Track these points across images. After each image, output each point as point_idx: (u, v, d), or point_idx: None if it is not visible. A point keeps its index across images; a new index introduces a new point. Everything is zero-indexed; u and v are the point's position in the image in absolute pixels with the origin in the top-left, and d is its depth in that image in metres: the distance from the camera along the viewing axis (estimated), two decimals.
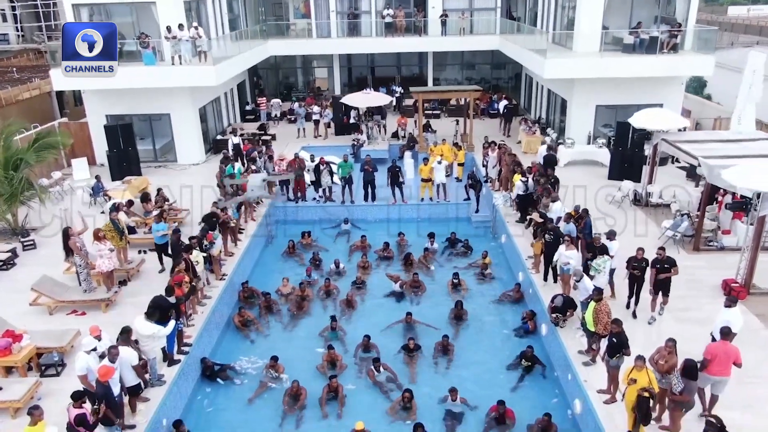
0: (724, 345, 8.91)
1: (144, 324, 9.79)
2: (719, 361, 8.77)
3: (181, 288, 11.13)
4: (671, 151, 17.13)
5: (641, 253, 11.75)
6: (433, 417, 10.48)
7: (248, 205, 17.46)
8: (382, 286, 15.47)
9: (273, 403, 11.21)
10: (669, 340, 8.98)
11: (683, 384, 8.36)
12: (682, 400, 8.40)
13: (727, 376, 8.89)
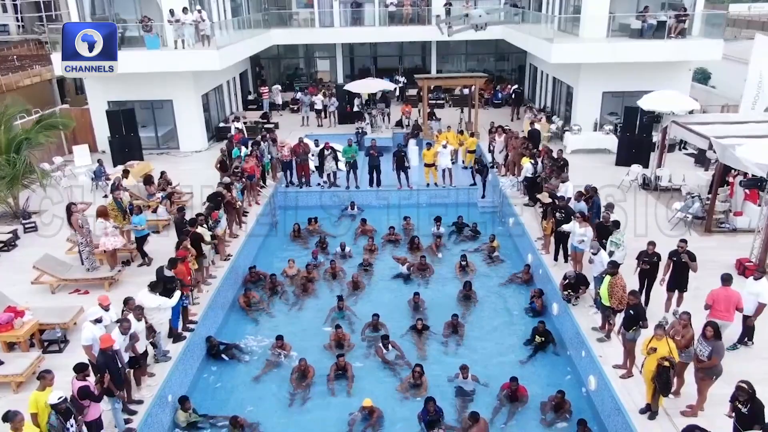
0: (726, 290, 9.27)
1: (148, 296, 9.57)
2: (721, 306, 9.15)
3: (186, 263, 10.88)
4: (681, 133, 16.96)
5: (652, 248, 10.79)
6: (443, 394, 10.25)
7: (252, 188, 17.23)
8: (388, 268, 15.26)
9: (280, 380, 11.01)
10: (684, 313, 8.76)
11: (710, 347, 8.05)
12: (711, 365, 8.08)
13: (729, 321, 9.23)
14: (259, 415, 10.05)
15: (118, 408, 8.35)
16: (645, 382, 8.52)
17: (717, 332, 8.15)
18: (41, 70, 25.03)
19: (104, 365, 7.95)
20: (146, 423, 8.97)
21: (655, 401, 8.46)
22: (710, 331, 8.12)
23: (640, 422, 8.54)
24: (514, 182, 18.10)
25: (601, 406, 9.85)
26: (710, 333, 8.11)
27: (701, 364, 8.24)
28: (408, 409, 10.19)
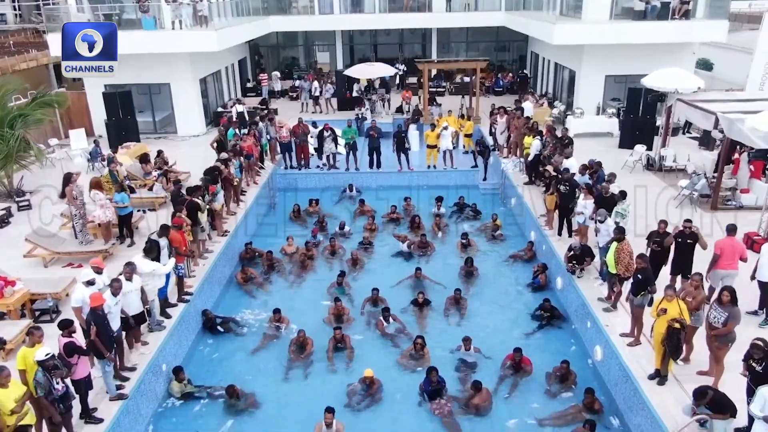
0: (731, 240, 9.53)
1: (142, 261, 9.30)
2: (727, 255, 9.33)
3: (181, 232, 10.60)
4: (686, 112, 16.69)
5: (664, 227, 9.97)
6: (445, 367, 9.94)
7: (250, 168, 16.95)
8: (389, 246, 14.99)
9: (278, 353, 10.74)
10: (695, 274, 8.51)
11: (726, 313, 7.72)
12: (727, 332, 7.74)
13: (735, 270, 9.42)
14: (257, 386, 9.78)
15: (109, 372, 8.08)
16: (654, 346, 8.26)
17: (734, 297, 7.82)
18: (37, 55, 24.78)
19: (93, 323, 7.66)
20: (139, 390, 8.70)
21: (665, 366, 8.19)
22: (727, 296, 7.79)
23: (649, 388, 8.27)
24: (516, 163, 17.83)
25: (607, 376, 9.59)
26: (727, 298, 7.78)
27: (716, 331, 7.85)
28: (409, 379, 9.93)
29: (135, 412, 8.51)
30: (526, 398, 9.49)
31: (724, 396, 7.15)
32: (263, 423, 9.08)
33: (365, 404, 9.38)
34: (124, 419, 8.19)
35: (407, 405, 9.40)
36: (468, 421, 8.97)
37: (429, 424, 8.99)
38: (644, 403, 8.10)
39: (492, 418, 9.07)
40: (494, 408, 9.21)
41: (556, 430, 8.78)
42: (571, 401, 9.28)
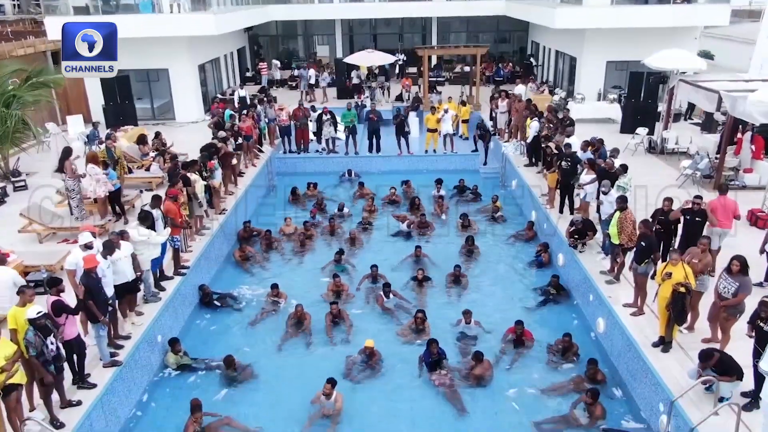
0: (723, 199, 9.97)
1: (137, 229, 9.15)
2: (720, 214, 9.66)
3: (177, 204, 10.44)
4: (688, 94, 16.54)
5: (669, 204, 9.58)
6: (446, 340, 9.76)
7: (249, 149, 16.80)
8: (389, 227, 14.82)
9: (276, 327, 10.57)
10: (703, 237, 8.35)
11: (737, 283, 7.47)
12: (737, 302, 7.50)
13: (728, 228, 9.79)
14: (254, 358, 9.62)
15: (103, 336, 7.91)
16: (659, 312, 8.11)
17: (744, 267, 7.55)
18: (35, 41, 24.58)
19: (87, 285, 7.50)
20: (133, 358, 8.55)
21: (669, 332, 8.04)
22: (737, 265, 7.52)
23: (653, 355, 8.12)
24: (517, 146, 17.67)
25: (610, 348, 9.45)
26: (737, 267, 7.52)
27: (726, 302, 7.58)
28: (409, 352, 9.78)
29: (129, 380, 8.36)
30: (527, 370, 9.34)
31: (730, 358, 7.01)
32: (261, 394, 8.92)
33: (365, 375, 9.23)
34: (119, 386, 8.05)
35: (407, 376, 9.25)
36: (469, 392, 8.82)
37: (429, 395, 8.84)
38: (648, 370, 7.95)
39: (493, 388, 8.92)
40: (495, 379, 9.06)
41: (559, 399, 8.61)
42: (574, 373, 9.13)
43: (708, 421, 6.67)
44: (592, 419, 8.05)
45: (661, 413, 7.53)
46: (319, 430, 8.07)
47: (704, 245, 8.16)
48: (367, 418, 8.37)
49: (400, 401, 8.74)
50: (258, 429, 8.12)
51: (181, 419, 7.90)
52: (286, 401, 8.72)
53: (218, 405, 8.57)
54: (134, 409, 8.50)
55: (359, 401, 8.65)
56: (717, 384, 6.93)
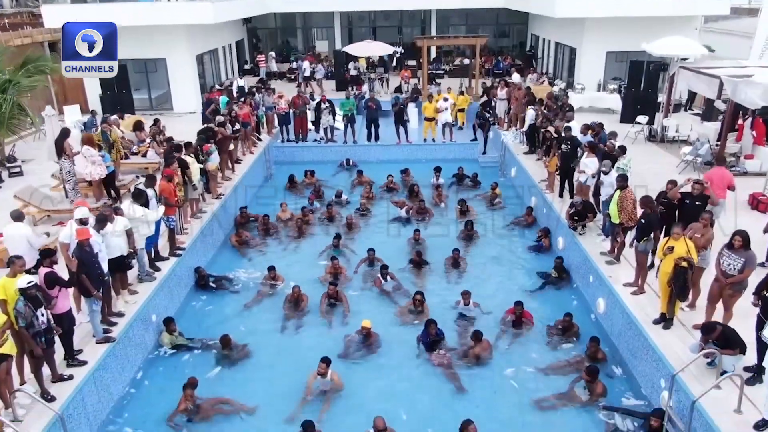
0: (720, 170, 10.30)
1: (131, 206, 9.03)
2: (715, 185, 9.72)
3: (172, 184, 10.31)
4: (689, 81, 16.46)
5: (672, 186, 9.25)
6: (444, 322, 9.62)
7: (247, 137, 16.67)
8: (386, 213, 14.70)
9: (272, 308, 10.47)
10: (705, 212, 8.24)
11: (742, 258, 7.29)
12: (745, 278, 7.29)
13: (723, 198, 9.88)
14: (250, 339, 9.49)
15: (96, 311, 7.79)
16: (660, 288, 7.99)
17: (746, 241, 7.37)
18: (32, 32, 24.44)
19: (80, 258, 7.38)
20: (127, 336, 8.43)
21: (671, 308, 7.92)
22: (739, 240, 7.33)
23: (654, 332, 8.00)
24: (516, 134, 17.57)
25: (610, 327, 9.34)
26: (739, 243, 7.33)
27: (733, 278, 7.34)
28: (407, 333, 9.66)
29: (123, 357, 8.24)
30: (526, 350, 9.22)
31: (733, 331, 6.91)
32: (256, 373, 8.81)
33: (362, 354, 9.11)
34: (111, 362, 7.93)
35: (405, 356, 9.13)
36: (467, 371, 8.70)
37: (427, 374, 8.72)
38: (649, 346, 7.84)
39: (491, 367, 8.80)
40: (494, 359, 8.94)
41: (559, 378, 8.49)
42: (574, 353, 9.01)
43: (710, 395, 6.56)
44: (593, 396, 7.94)
45: (663, 389, 7.41)
46: (314, 407, 7.94)
47: (706, 220, 8.04)
48: (363, 397, 8.25)
49: (398, 380, 8.61)
50: (253, 407, 8.00)
51: (176, 398, 7.80)
52: (282, 380, 8.59)
53: (213, 383, 8.47)
54: (128, 386, 8.38)
55: (356, 380, 8.52)
56: (719, 358, 6.81)
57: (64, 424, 6.59)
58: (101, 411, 7.67)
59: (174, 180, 10.42)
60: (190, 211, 12.13)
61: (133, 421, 7.81)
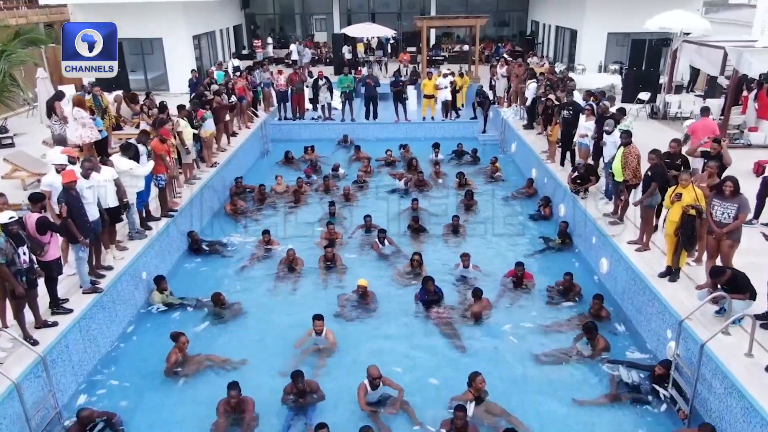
0: (704, 120, 10.69)
1: (119, 159, 8.77)
2: (700, 135, 10.22)
3: (165, 145, 10.06)
4: (692, 57, 16.28)
5: (676, 145, 8.69)
6: (444, 284, 9.36)
7: (243, 111, 16.42)
8: (385, 186, 14.45)
9: (266, 271, 10.21)
10: (710, 160, 7.99)
11: (735, 204, 7.00)
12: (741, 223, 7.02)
13: (707, 148, 9.63)
14: (244, 299, 9.22)
15: (82, 258, 7.51)
16: (666, 237, 7.73)
17: (737, 187, 7.13)
18: (27, 12, 24.20)
19: (66, 203, 7.10)
20: (116, 289, 8.17)
21: (677, 259, 7.67)
22: (730, 186, 7.08)
23: (660, 284, 7.75)
24: (517, 111, 17.33)
25: (614, 287, 9.10)
26: (730, 189, 7.07)
27: (729, 226, 7.05)
28: (405, 294, 9.40)
29: (110, 310, 7.97)
30: (527, 309, 8.97)
31: (743, 275, 6.66)
32: (249, 330, 8.55)
33: (358, 314, 8.84)
34: (98, 313, 7.66)
35: (403, 315, 8.86)
36: (467, 328, 8.44)
37: (426, 332, 8.46)
38: (655, 298, 7.59)
39: (491, 325, 8.56)
40: (494, 317, 8.70)
41: (560, 336, 8.24)
42: (576, 312, 8.76)
43: (720, 341, 6.35)
44: (595, 351, 7.69)
45: (669, 340, 7.16)
46: (309, 364, 7.66)
47: (711, 169, 7.79)
48: (359, 354, 7.97)
49: (396, 338, 8.34)
50: (243, 361, 7.73)
51: (165, 354, 7.52)
52: (275, 338, 8.34)
53: (204, 339, 8.20)
54: (116, 341, 8.13)
55: (352, 339, 8.25)
56: (729, 304, 6.55)
57: (46, 368, 6.33)
58: (87, 362, 7.41)
59: (167, 141, 10.16)
60: (183, 177, 11.89)
61: (120, 374, 7.54)
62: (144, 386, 7.29)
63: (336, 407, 6.89)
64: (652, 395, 6.87)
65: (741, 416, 5.73)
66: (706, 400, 6.36)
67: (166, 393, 7.20)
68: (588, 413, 6.80)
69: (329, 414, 6.72)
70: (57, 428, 6.37)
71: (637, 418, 6.67)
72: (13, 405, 5.92)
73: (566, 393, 7.10)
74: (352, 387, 6.99)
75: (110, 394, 7.17)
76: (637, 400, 6.87)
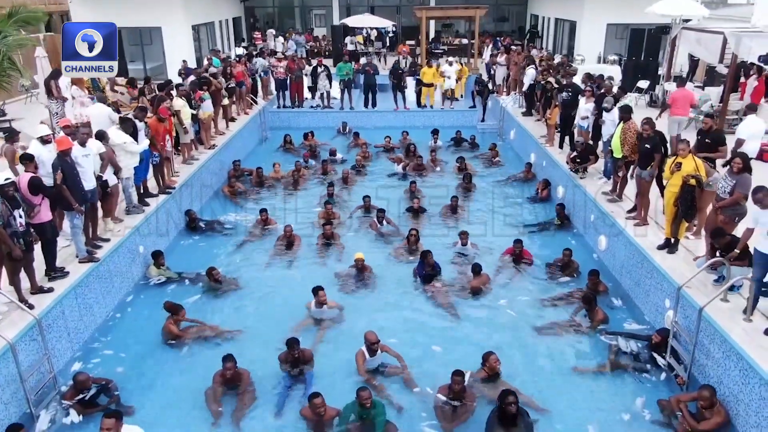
0: (682, 90, 11.69)
1: (116, 132, 8.73)
2: (679, 104, 11.26)
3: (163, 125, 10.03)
4: (691, 46, 16.27)
5: (649, 129, 8.50)
6: (443, 263, 9.29)
7: (241, 96, 16.39)
8: (383, 170, 14.42)
9: (264, 248, 10.16)
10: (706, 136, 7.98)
11: (734, 180, 6.86)
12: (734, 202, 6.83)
13: (686, 116, 11.57)
14: (241, 274, 9.20)
15: (77, 226, 7.46)
16: (666, 208, 7.72)
17: (746, 165, 6.99)
18: (26, 1, 24.11)
19: (60, 169, 7.06)
20: (112, 260, 8.13)
21: (676, 230, 7.64)
22: (738, 164, 6.95)
23: (659, 256, 7.73)
24: (515, 98, 17.32)
25: (612, 262, 9.08)
26: (738, 166, 6.93)
27: (721, 202, 6.96)
28: (403, 269, 9.37)
29: (107, 280, 7.94)
30: (525, 285, 8.94)
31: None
32: (245, 302, 8.52)
33: (355, 288, 8.81)
34: (94, 282, 7.63)
35: (401, 289, 8.84)
36: (465, 301, 8.42)
37: (424, 305, 8.42)
38: (653, 269, 7.58)
39: (490, 299, 8.53)
40: (492, 292, 8.67)
41: (558, 309, 8.20)
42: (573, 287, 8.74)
43: (718, 307, 6.37)
44: (594, 323, 7.66)
45: (667, 309, 7.13)
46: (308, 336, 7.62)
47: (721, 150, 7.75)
48: (357, 328, 7.88)
49: (393, 311, 8.30)
50: (239, 331, 7.69)
51: (162, 324, 7.49)
52: (272, 311, 8.30)
53: (200, 312, 8.15)
54: (113, 312, 8.08)
55: (349, 313, 8.20)
56: (727, 269, 6.53)
57: (42, 331, 6.29)
58: (83, 330, 7.37)
59: (165, 121, 10.15)
60: (181, 156, 11.86)
61: (116, 343, 7.50)
62: (139, 355, 7.25)
63: (333, 379, 6.83)
64: (650, 363, 6.85)
65: (739, 378, 5.71)
66: (703, 366, 6.34)
67: (161, 362, 7.16)
68: (588, 382, 6.77)
69: (327, 386, 6.66)
70: (52, 393, 6.34)
71: (637, 385, 6.65)
72: (8, 366, 5.88)
73: (565, 363, 7.08)
74: (350, 359, 6.94)
75: (106, 362, 7.13)
76: (636, 368, 6.85)
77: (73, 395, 6.21)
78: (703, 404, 5.72)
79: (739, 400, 5.71)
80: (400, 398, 6.47)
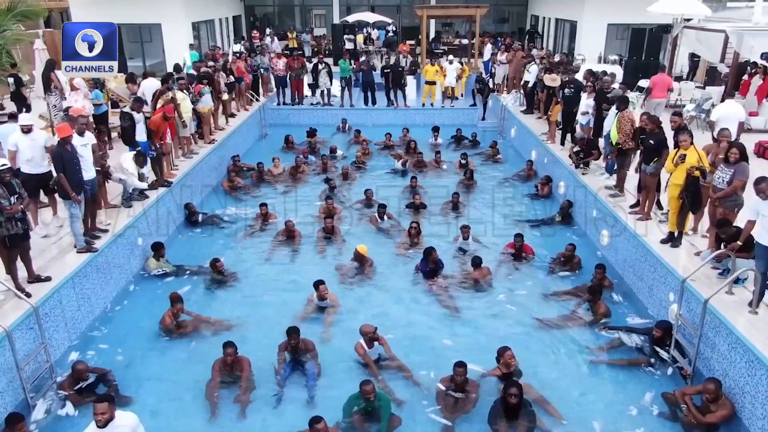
0: (662, 76, 12.96)
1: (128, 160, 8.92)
2: (658, 88, 12.50)
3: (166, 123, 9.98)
4: (692, 45, 16.27)
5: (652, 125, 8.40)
6: (444, 257, 9.21)
7: (241, 93, 16.32)
8: (383, 167, 14.35)
9: (264, 242, 10.08)
10: (723, 129, 7.91)
11: (731, 170, 6.82)
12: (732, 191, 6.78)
13: (664, 98, 12.79)
14: (242, 268, 9.11)
15: (75, 215, 7.36)
16: (669, 202, 7.66)
17: (744, 154, 6.97)
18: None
19: (60, 159, 6.99)
20: (111, 251, 8.04)
21: (681, 222, 7.58)
22: (735, 154, 6.89)
23: (663, 249, 7.67)
24: (516, 97, 17.28)
25: (615, 257, 9.00)
26: (735, 156, 6.88)
27: (720, 192, 6.88)
28: (403, 263, 9.31)
29: (105, 271, 7.85)
30: (526, 279, 8.87)
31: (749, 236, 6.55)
32: (246, 295, 8.44)
33: (356, 281, 8.74)
34: (92, 273, 7.54)
35: (401, 283, 8.77)
36: (467, 296, 8.35)
37: (424, 299, 8.35)
38: (657, 262, 7.51)
39: (491, 293, 8.46)
40: (493, 286, 8.60)
41: (561, 303, 8.14)
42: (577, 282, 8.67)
43: (723, 300, 6.31)
44: (596, 317, 7.60)
45: (671, 303, 7.07)
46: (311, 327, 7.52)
47: (725, 136, 7.70)
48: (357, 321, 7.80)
49: (394, 305, 8.23)
50: (238, 323, 7.61)
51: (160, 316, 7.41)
52: (272, 303, 8.21)
53: (200, 303, 8.08)
54: (111, 303, 8.00)
55: (350, 306, 8.13)
56: (732, 261, 6.47)
57: (39, 320, 6.21)
58: (81, 320, 7.28)
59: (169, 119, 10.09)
60: (181, 150, 11.79)
61: (114, 334, 7.42)
62: (138, 346, 7.16)
63: (334, 371, 6.75)
64: (654, 357, 6.78)
65: (745, 370, 5.65)
66: (708, 359, 6.27)
67: (160, 353, 7.08)
68: (591, 376, 6.71)
69: (326, 377, 6.59)
70: (48, 382, 6.25)
71: (641, 379, 6.58)
72: (4, 354, 5.79)
73: (568, 357, 7.01)
74: (350, 351, 6.86)
75: (103, 353, 7.04)
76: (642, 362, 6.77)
77: (71, 384, 6.12)
78: (708, 397, 5.65)
79: (745, 392, 5.64)
80: (399, 392, 6.38)
